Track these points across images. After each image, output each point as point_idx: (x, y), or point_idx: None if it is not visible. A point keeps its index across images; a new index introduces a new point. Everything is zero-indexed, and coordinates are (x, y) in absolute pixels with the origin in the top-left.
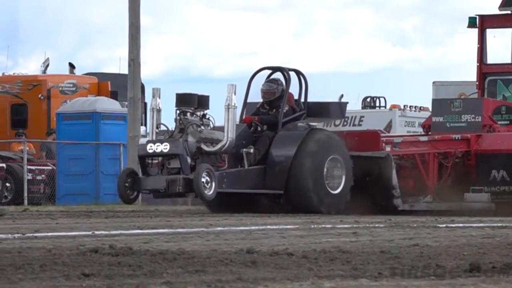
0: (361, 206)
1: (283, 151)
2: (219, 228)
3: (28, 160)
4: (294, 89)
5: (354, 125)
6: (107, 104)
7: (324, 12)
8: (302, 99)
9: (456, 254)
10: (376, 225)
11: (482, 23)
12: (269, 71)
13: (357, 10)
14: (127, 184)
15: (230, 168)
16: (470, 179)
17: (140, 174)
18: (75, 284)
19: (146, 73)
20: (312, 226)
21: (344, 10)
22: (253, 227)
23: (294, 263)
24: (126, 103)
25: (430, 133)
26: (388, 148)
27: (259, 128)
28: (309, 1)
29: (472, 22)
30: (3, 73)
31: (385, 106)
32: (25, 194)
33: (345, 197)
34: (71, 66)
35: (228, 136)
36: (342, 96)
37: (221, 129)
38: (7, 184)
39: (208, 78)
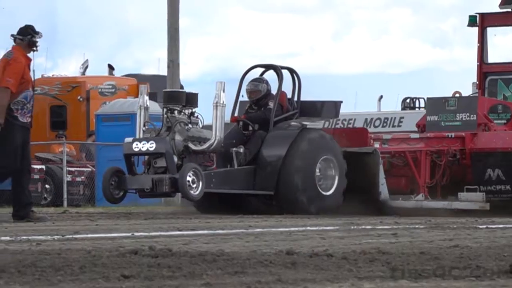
0: (347, 203)
1: (274, 150)
2: (259, 230)
3: (68, 161)
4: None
5: (393, 126)
6: None
7: (363, 13)
8: (296, 98)
9: (496, 255)
10: (416, 226)
11: (482, 22)
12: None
13: (396, 10)
14: (112, 183)
15: (219, 168)
16: (465, 178)
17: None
18: (115, 286)
19: (185, 74)
20: (352, 227)
21: (384, 11)
22: (292, 228)
23: (334, 264)
24: None
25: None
26: (377, 145)
27: (250, 128)
28: (348, 2)
29: (472, 21)
30: (42, 75)
31: (424, 107)
32: (65, 196)
33: (338, 198)
34: (110, 67)
35: (216, 135)
36: (381, 97)
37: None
38: (47, 186)
39: (247, 79)
